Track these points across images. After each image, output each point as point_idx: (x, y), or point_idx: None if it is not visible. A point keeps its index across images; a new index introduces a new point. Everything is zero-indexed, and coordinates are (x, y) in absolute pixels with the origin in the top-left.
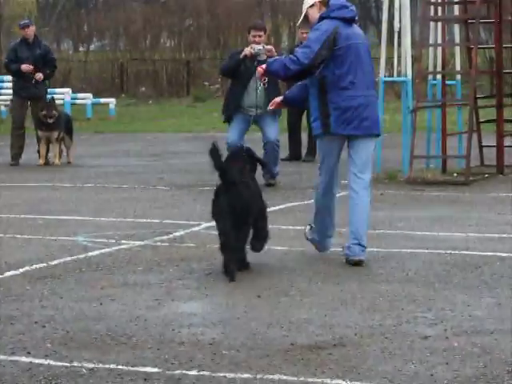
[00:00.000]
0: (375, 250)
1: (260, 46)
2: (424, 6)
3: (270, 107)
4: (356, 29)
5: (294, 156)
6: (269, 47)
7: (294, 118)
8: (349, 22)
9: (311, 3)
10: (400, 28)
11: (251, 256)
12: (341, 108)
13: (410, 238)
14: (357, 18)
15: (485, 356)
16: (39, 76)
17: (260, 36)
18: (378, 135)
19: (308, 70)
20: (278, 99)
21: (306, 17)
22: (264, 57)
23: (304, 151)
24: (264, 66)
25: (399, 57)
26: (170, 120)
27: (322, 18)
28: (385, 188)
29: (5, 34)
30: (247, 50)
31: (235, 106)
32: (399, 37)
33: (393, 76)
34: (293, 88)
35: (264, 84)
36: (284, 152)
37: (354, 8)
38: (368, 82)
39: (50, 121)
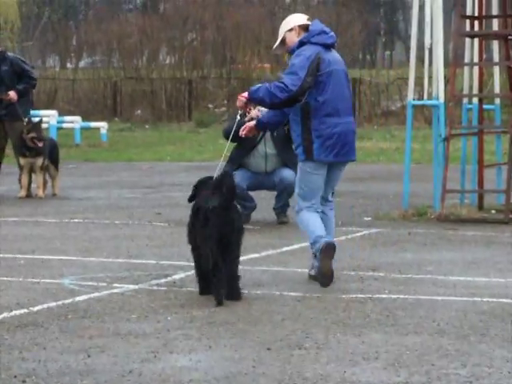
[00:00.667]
0: (402, 296)
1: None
2: (458, 20)
3: (242, 133)
4: (336, 54)
5: None
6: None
7: None
8: (329, 47)
9: (290, 27)
10: (431, 44)
11: (260, 304)
12: (323, 136)
13: (442, 283)
14: (336, 44)
15: None
16: (9, 96)
17: None
18: (354, 161)
19: (295, 98)
20: (252, 123)
21: (283, 40)
22: None
23: None
24: (245, 93)
25: (430, 77)
26: (169, 147)
27: (302, 43)
28: (413, 226)
29: None
30: (254, 113)
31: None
32: (430, 54)
33: (422, 99)
34: (268, 112)
35: (246, 114)
36: None
37: (333, 34)
38: (348, 108)
39: (40, 144)
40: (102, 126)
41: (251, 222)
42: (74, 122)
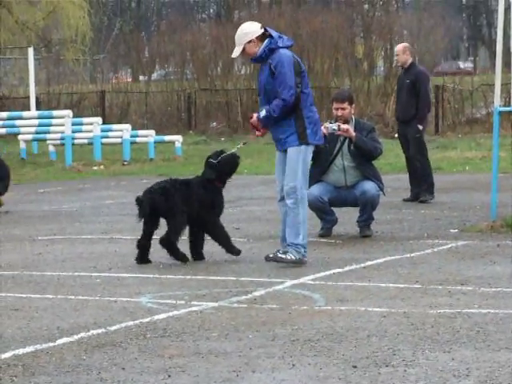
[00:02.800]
0: (492, 311)
1: (335, 126)
2: None
3: (258, 135)
4: None
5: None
6: (345, 127)
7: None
8: (290, 48)
9: (249, 39)
10: None
11: (344, 320)
12: (313, 122)
13: None
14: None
15: None
16: None
17: (344, 109)
18: None
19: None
20: (256, 122)
21: (244, 50)
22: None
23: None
24: (254, 117)
25: None
26: (246, 160)
27: (271, 50)
28: (502, 238)
29: (55, 60)
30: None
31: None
32: None
33: (509, 105)
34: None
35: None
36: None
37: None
38: None
39: None
40: (177, 139)
41: (333, 236)
42: (148, 135)
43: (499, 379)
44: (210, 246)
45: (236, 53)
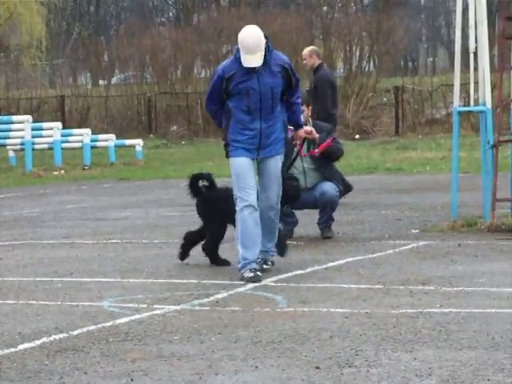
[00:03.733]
0: (454, 310)
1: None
2: (503, 22)
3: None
4: None
5: None
6: (309, 128)
7: None
8: None
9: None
10: (476, 48)
11: (307, 321)
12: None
13: (495, 295)
14: None
15: None
16: None
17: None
18: None
19: None
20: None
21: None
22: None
23: None
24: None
25: (476, 82)
26: (207, 163)
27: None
28: (463, 238)
29: (13, 66)
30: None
31: None
32: (475, 59)
33: (469, 105)
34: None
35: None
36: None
37: None
38: None
39: None
40: (137, 143)
41: (295, 238)
42: (108, 140)
43: (461, 378)
44: (173, 249)
45: (261, 60)
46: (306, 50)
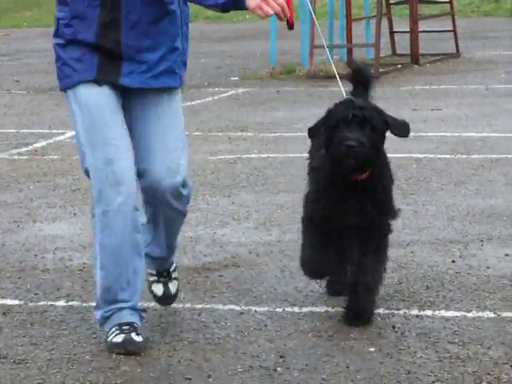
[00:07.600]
0: (272, 155)
1: None
2: None
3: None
4: None
5: None
6: None
7: None
8: None
9: None
10: None
11: None
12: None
13: None
14: None
15: (400, 271)
16: None
17: None
18: None
19: None
20: None
21: None
22: None
23: None
24: None
25: None
26: (26, 13)
27: None
28: (282, 85)
29: None
30: None
31: None
32: None
33: None
34: None
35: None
36: None
37: None
38: None
39: None
40: None
41: None
42: None
43: (278, 220)
44: None
45: None
46: None
